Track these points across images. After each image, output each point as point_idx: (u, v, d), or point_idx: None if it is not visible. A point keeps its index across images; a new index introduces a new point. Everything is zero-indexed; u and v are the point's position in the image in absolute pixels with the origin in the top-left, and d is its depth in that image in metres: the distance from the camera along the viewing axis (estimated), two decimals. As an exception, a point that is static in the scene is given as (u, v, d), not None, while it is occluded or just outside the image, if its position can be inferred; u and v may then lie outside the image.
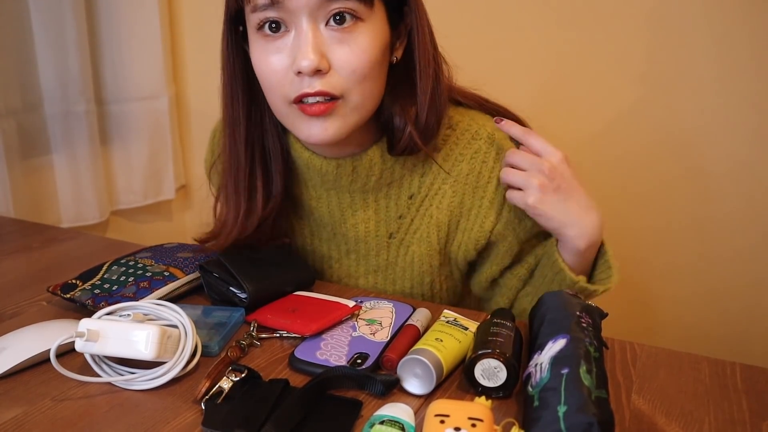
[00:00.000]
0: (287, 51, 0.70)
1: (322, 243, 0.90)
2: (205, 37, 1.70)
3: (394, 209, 0.85)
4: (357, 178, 0.81)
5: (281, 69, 0.71)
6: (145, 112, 1.59)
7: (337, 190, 0.84)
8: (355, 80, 0.70)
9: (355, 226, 0.86)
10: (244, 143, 0.80)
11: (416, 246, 0.85)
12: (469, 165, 0.81)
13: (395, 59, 0.76)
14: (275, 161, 0.82)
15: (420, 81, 0.75)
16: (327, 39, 0.69)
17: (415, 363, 0.60)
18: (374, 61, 0.71)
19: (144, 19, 1.56)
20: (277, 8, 0.68)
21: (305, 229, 0.91)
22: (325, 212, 0.86)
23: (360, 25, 0.69)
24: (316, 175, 0.83)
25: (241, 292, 0.77)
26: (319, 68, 0.68)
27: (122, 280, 0.79)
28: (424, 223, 0.84)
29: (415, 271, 0.87)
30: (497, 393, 0.59)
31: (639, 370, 0.65)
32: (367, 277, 0.90)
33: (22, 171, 1.35)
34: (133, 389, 0.61)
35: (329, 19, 0.69)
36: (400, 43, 0.76)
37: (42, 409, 0.58)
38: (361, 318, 0.73)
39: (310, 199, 0.86)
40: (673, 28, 1.24)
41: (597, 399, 0.50)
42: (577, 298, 0.68)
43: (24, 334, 0.68)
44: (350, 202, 0.84)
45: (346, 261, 0.90)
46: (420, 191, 0.84)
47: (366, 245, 0.87)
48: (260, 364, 0.66)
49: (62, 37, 1.37)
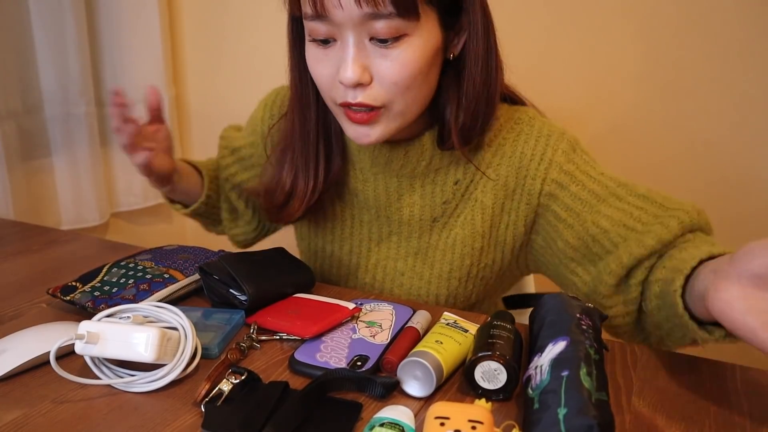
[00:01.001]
0: (334, 60, 0.72)
1: (363, 225, 0.92)
2: (206, 39, 1.71)
3: (439, 195, 0.86)
4: (407, 162, 0.83)
5: (328, 76, 0.73)
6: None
7: (386, 173, 0.86)
8: (397, 91, 0.72)
9: (400, 209, 0.87)
10: (314, 122, 0.84)
11: (459, 229, 0.86)
12: (512, 147, 0.82)
13: (452, 56, 0.76)
14: (336, 139, 0.87)
15: (467, 87, 0.76)
16: (371, 52, 0.70)
17: (415, 365, 0.60)
18: (417, 73, 0.71)
19: (144, 20, 1.56)
20: (323, 20, 0.70)
21: (346, 211, 0.92)
22: (371, 195, 0.88)
23: (405, 40, 0.69)
24: (366, 158, 0.85)
25: (241, 294, 0.77)
26: (360, 82, 0.70)
27: (122, 282, 0.79)
28: (468, 206, 0.85)
29: (456, 254, 0.87)
30: (497, 395, 0.59)
31: (639, 373, 0.65)
32: (407, 259, 0.90)
33: (22, 173, 1.35)
34: (132, 391, 0.61)
35: (373, 36, 0.69)
36: (459, 39, 0.76)
37: (42, 411, 0.58)
38: (361, 320, 0.73)
39: (357, 182, 0.88)
40: (672, 29, 1.24)
41: (597, 401, 0.50)
42: (576, 300, 0.68)
43: (24, 336, 0.68)
44: (397, 186, 0.86)
45: (386, 243, 0.91)
46: (465, 177, 0.85)
47: (409, 228, 0.88)
48: (260, 367, 0.66)
49: (62, 39, 1.37)
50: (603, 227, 0.77)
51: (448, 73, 0.77)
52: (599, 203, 0.78)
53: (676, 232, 0.73)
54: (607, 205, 0.78)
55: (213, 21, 1.68)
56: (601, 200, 0.78)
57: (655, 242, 0.72)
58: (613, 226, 0.76)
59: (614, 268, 0.75)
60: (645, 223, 0.75)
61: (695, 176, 1.30)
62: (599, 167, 0.81)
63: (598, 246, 0.78)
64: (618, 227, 0.76)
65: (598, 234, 0.77)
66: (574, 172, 0.80)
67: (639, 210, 0.76)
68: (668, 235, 0.72)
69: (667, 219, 0.74)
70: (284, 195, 0.88)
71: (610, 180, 0.80)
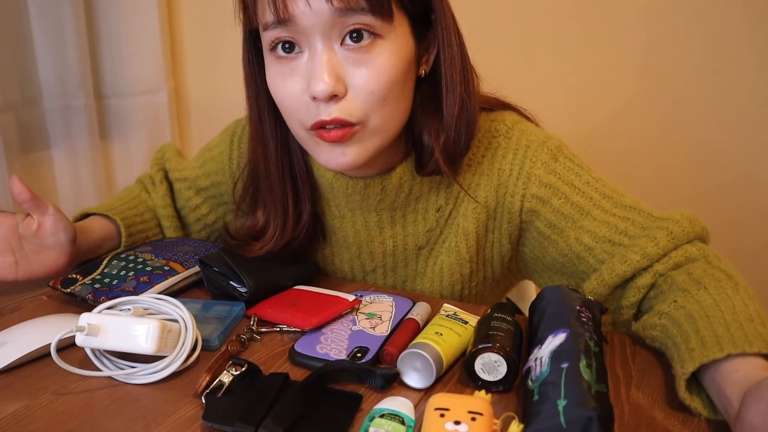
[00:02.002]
0: (301, 74, 0.66)
1: (344, 263, 0.88)
2: (205, 31, 1.70)
3: (422, 223, 0.82)
4: (386, 197, 0.78)
5: (296, 93, 0.67)
6: (145, 106, 1.59)
7: (363, 209, 0.81)
8: (374, 103, 0.66)
9: (383, 242, 0.83)
10: (275, 161, 0.77)
11: (445, 256, 0.82)
12: (490, 164, 0.78)
13: (423, 73, 0.71)
14: (302, 182, 0.80)
15: (447, 102, 0.71)
16: (343, 60, 0.65)
17: (415, 357, 0.60)
18: (395, 81, 0.66)
19: (143, 12, 1.55)
20: (287, 27, 0.64)
21: (326, 249, 0.88)
22: (350, 232, 0.83)
23: (379, 43, 0.64)
24: (340, 195, 0.80)
25: (241, 286, 0.77)
26: (334, 93, 0.64)
27: (122, 274, 0.79)
28: (452, 232, 0.81)
29: (444, 281, 0.83)
30: (497, 387, 0.59)
31: (638, 365, 0.65)
32: (395, 288, 0.88)
33: (21, 166, 1.35)
34: (133, 383, 0.61)
35: (345, 37, 0.64)
36: (428, 54, 0.71)
37: (43, 403, 0.58)
38: (361, 312, 0.73)
39: (333, 219, 0.84)
40: (672, 23, 1.24)
41: (597, 393, 0.50)
42: (576, 292, 0.68)
43: (25, 328, 0.68)
44: (377, 220, 0.82)
45: (372, 276, 0.88)
46: (448, 203, 0.80)
47: (393, 258, 0.85)
48: (260, 358, 0.66)
49: (61, 31, 1.36)
50: (587, 244, 0.74)
51: (423, 93, 0.72)
52: (583, 218, 0.74)
53: (665, 246, 0.69)
54: (591, 219, 0.74)
55: (212, 13, 1.67)
56: (584, 214, 0.74)
57: (640, 257, 0.70)
58: (598, 242, 0.73)
59: (596, 287, 0.73)
60: (632, 236, 0.72)
61: (694, 174, 1.29)
62: (586, 174, 0.76)
63: (584, 264, 0.75)
64: (603, 243, 0.73)
65: (582, 252, 0.74)
66: (556, 184, 0.75)
67: (625, 222, 0.73)
68: (656, 249, 0.69)
69: (654, 231, 0.71)
70: (253, 236, 0.81)
71: (595, 191, 0.75)
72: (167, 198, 0.97)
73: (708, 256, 0.70)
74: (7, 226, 0.78)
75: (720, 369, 0.55)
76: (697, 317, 0.61)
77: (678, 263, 0.70)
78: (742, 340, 0.56)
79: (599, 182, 0.76)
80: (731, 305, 0.61)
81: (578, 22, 1.30)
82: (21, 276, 0.79)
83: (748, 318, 0.59)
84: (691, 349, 0.58)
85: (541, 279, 0.84)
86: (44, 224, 0.78)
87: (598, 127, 1.33)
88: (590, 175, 0.77)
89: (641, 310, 0.73)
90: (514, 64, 1.29)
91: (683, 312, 0.63)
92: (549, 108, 0.87)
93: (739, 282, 0.65)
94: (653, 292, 0.71)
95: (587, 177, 0.76)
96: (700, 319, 0.60)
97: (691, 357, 0.57)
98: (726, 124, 1.25)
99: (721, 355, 0.55)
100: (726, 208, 1.27)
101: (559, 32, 1.32)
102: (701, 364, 0.56)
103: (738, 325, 0.58)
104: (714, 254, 0.70)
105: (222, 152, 0.91)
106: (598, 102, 1.33)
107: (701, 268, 0.68)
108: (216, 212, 0.97)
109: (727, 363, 0.55)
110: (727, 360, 0.55)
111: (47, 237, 0.79)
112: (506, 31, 1.32)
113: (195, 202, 0.96)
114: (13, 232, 0.78)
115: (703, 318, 0.60)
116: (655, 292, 0.70)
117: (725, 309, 0.60)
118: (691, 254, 0.70)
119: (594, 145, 1.30)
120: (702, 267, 0.68)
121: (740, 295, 0.62)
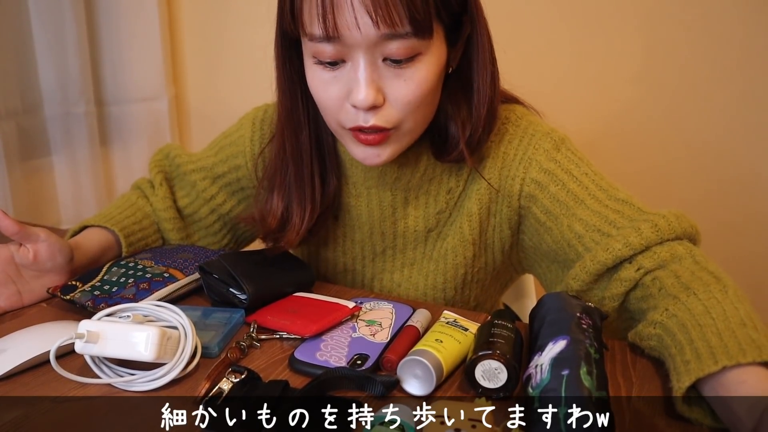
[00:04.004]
0: (343, 81, 0.69)
1: (355, 244, 0.90)
2: (205, 38, 1.71)
3: (433, 205, 0.85)
4: (402, 176, 0.82)
5: (336, 98, 0.70)
6: (145, 113, 1.59)
7: (379, 188, 0.84)
8: (409, 111, 0.70)
9: (395, 224, 0.86)
10: (308, 144, 0.80)
11: (451, 238, 0.85)
12: (496, 148, 0.81)
13: (451, 68, 0.75)
14: (330, 158, 0.83)
15: (477, 99, 0.75)
16: (383, 72, 0.68)
17: (415, 364, 0.60)
18: (429, 91, 0.70)
19: (144, 20, 1.56)
20: (333, 42, 0.66)
21: (338, 230, 0.90)
22: (364, 211, 0.86)
23: (418, 59, 0.68)
24: (360, 172, 0.83)
25: (240, 293, 0.77)
26: (374, 104, 0.68)
27: (122, 281, 0.79)
28: (459, 214, 0.84)
29: (449, 264, 0.86)
30: (497, 394, 0.59)
31: (639, 372, 0.65)
32: (402, 270, 0.89)
33: (21, 172, 1.35)
34: (132, 390, 0.61)
35: (387, 55, 0.67)
36: (456, 51, 0.74)
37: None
38: (360, 319, 0.73)
39: (350, 197, 0.86)
40: (671, 28, 1.24)
41: (597, 400, 0.50)
42: (577, 299, 0.68)
43: (24, 335, 0.68)
44: (391, 200, 0.85)
45: (381, 257, 0.90)
46: (458, 185, 0.84)
47: (404, 240, 0.87)
48: (260, 365, 0.66)
49: (62, 39, 1.37)
50: (577, 232, 0.75)
51: (450, 86, 0.76)
52: (577, 206, 0.76)
53: (649, 237, 0.70)
54: (584, 208, 0.75)
55: (213, 20, 1.68)
56: (578, 202, 0.76)
57: (621, 246, 0.70)
58: (587, 231, 0.74)
59: (578, 273, 0.74)
60: (619, 227, 0.73)
61: (694, 175, 1.30)
62: (585, 166, 0.78)
63: (573, 252, 0.76)
64: (592, 232, 0.74)
65: (572, 239, 0.76)
66: (555, 171, 0.77)
67: (615, 213, 0.74)
68: (638, 240, 0.70)
69: (640, 223, 0.71)
70: (277, 221, 0.83)
71: (591, 181, 0.77)
72: (168, 200, 0.97)
73: (695, 255, 0.70)
74: (2, 259, 0.78)
75: (721, 381, 0.55)
76: (690, 327, 0.61)
77: (663, 260, 0.70)
78: (736, 350, 0.55)
79: (597, 175, 0.78)
80: (722, 311, 0.61)
81: (576, 27, 1.30)
82: (27, 302, 0.80)
83: (740, 323, 0.59)
84: (686, 361, 0.58)
85: (540, 269, 0.86)
86: (39, 252, 0.79)
87: (596, 131, 1.34)
88: (589, 167, 0.79)
89: (630, 311, 0.73)
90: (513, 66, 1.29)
91: (675, 321, 0.63)
92: (549, 110, 0.87)
93: (727, 284, 0.65)
94: (640, 293, 0.71)
95: (586, 169, 0.78)
96: (693, 329, 0.60)
97: (687, 370, 0.57)
98: (725, 129, 1.25)
99: (716, 368, 0.54)
100: (726, 211, 1.27)
101: (558, 36, 1.32)
102: (697, 378, 0.55)
103: (730, 332, 0.58)
104: (701, 254, 0.71)
105: (243, 135, 0.92)
106: (597, 106, 1.34)
107: (689, 269, 0.68)
108: (231, 201, 0.96)
109: (727, 374, 0.54)
110: (724, 372, 0.55)
111: (45, 263, 0.79)
112: (505, 36, 1.32)
113: (211, 192, 0.95)
114: (9, 263, 0.78)
115: (696, 327, 0.60)
116: (643, 293, 0.70)
117: (716, 316, 0.60)
118: (678, 252, 0.70)
119: (593, 150, 1.30)
120: (689, 268, 0.68)
121: (729, 298, 0.63)
